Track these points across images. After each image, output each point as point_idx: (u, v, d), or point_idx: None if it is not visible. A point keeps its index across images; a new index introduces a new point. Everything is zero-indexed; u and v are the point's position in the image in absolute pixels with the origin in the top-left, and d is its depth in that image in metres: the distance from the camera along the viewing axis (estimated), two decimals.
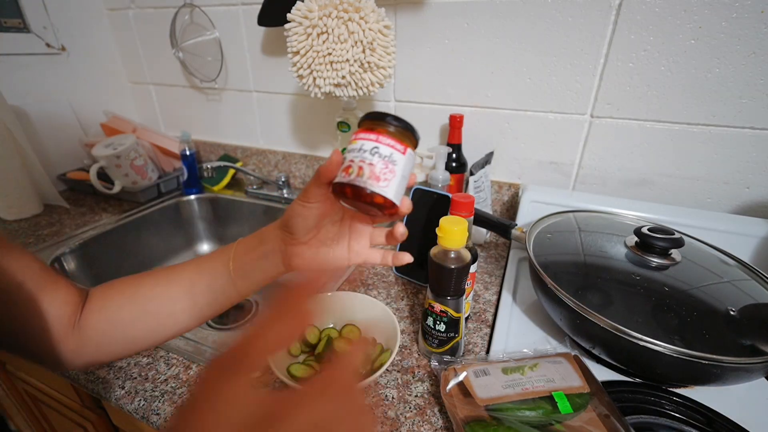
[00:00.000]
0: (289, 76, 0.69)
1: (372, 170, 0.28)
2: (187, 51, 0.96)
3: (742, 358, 0.37)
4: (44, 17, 0.93)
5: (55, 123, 0.98)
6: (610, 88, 0.65)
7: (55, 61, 0.97)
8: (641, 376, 0.46)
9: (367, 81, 0.64)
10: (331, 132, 0.93)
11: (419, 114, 0.82)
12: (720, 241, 0.55)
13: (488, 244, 0.77)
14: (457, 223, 0.43)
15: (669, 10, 0.57)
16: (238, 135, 1.06)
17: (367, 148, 0.28)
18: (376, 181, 0.28)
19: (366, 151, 0.28)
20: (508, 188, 0.79)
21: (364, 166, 0.28)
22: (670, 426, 0.40)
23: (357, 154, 0.29)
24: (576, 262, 0.52)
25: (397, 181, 0.29)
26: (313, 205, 0.33)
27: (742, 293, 0.46)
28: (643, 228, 0.51)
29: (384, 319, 0.50)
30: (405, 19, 0.75)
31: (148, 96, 1.14)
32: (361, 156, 0.28)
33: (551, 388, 0.41)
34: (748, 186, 0.63)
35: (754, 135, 0.60)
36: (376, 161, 0.28)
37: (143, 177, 0.94)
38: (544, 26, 0.65)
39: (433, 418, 0.42)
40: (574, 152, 0.72)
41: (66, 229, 0.82)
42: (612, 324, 0.41)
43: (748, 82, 0.57)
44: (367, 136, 0.29)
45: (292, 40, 0.63)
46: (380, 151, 0.28)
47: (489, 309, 0.59)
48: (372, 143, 0.28)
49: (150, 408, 0.43)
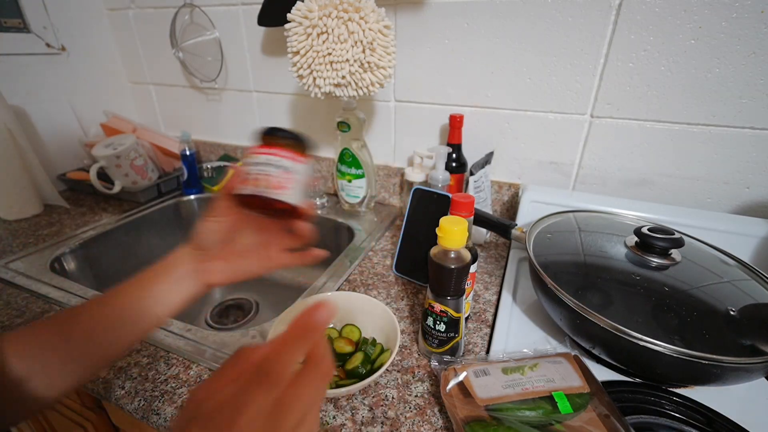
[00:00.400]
0: (289, 76, 0.69)
1: (269, 180, 0.31)
2: (187, 51, 0.96)
3: (742, 358, 0.37)
4: (44, 17, 0.93)
5: (55, 123, 0.98)
6: (610, 88, 0.65)
7: (55, 61, 0.97)
8: (641, 376, 0.46)
9: (367, 81, 0.64)
10: (331, 132, 0.93)
11: (419, 114, 0.82)
12: (720, 241, 0.55)
13: (488, 244, 0.77)
14: (457, 223, 0.43)
15: (669, 10, 0.57)
16: (238, 135, 1.06)
17: (263, 161, 0.32)
18: (275, 189, 0.31)
19: (263, 164, 0.32)
20: (508, 188, 0.79)
21: (261, 177, 0.31)
22: (670, 426, 0.40)
23: (256, 167, 0.32)
24: (576, 262, 0.52)
25: (294, 187, 0.32)
26: (219, 219, 0.35)
27: (742, 293, 0.46)
28: (643, 228, 0.51)
29: (384, 319, 0.50)
30: (405, 19, 0.75)
31: (148, 96, 1.14)
32: (258, 168, 0.32)
33: (551, 388, 0.41)
34: (748, 186, 0.63)
35: (754, 135, 0.60)
36: (273, 172, 0.31)
37: (143, 177, 0.94)
38: (544, 26, 0.65)
39: (433, 418, 0.42)
40: (574, 152, 0.72)
41: (66, 229, 0.82)
42: (612, 324, 0.41)
43: (748, 82, 0.57)
44: (264, 150, 0.32)
45: (292, 40, 0.63)
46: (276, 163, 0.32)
47: (489, 309, 0.59)
48: (267, 156, 0.32)
49: (150, 408, 0.43)
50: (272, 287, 0.93)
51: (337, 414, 0.42)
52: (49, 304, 0.60)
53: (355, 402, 0.44)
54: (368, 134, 0.89)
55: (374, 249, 0.75)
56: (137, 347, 0.51)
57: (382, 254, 0.73)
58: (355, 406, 0.43)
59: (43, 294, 0.61)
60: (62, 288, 0.63)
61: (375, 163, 0.88)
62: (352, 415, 0.42)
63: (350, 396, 0.44)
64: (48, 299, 0.61)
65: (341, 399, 0.44)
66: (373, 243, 0.77)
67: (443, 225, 0.43)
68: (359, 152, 0.81)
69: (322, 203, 0.91)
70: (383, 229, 0.82)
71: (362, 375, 0.45)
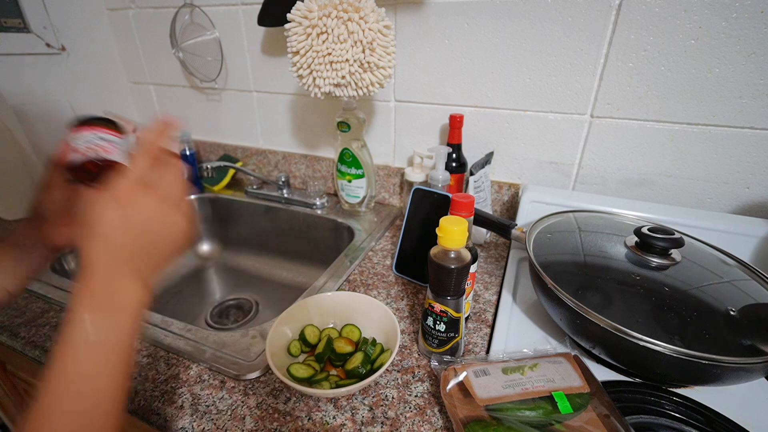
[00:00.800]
0: (289, 76, 0.69)
1: (101, 147, 0.37)
2: (187, 51, 0.96)
3: (742, 358, 0.37)
4: (44, 17, 0.93)
5: (55, 123, 0.98)
6: (610, 88, 0.65)
7: (55, 61, 0.97)
8: (641, 376, 0.46)
9: (367, 81, 0.64)
10: (331, 132, 0.93)
11: (419, 114, 0.82)
12: (720, 241, 0.55)
13: (488, 244, 0.77)
14: (457, 223, 0.43)
15: (669, 10, 0.57)
16: (238, 135, 1.06)
17: (91, 137, 0.37)
18: (106, 153, 0.36)
19: (92, 139, 0.37)
20: (508, 188, 0.79)
21: (94, 147, 0.36)
22: (670, 426, 0.40)
23: (84, 142, 0.36)
24: (576, 262, 0.52)
25: (119, 151, 0.38)
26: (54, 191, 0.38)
27: (742, 293, 0.46)
28: (643, 228, 0.51)
29: (384, 319, 0.50)
30: (405, 19, 0.75)
31: (148, 96, 1.14)
32: (89, 142, 0.36)
33: (551, 388, 0.41)
34: (748, 186, 0.63)
35: (754, 135, 0.60)
36: (104, 144, 0.37)
37: None
38: (544, 26, 0.65)
39: (433, 418, 0.42)
40: (574, 152, 0.72)
41: None
42: (612, 324, 0.41)
43: (748, 82, 0.57)
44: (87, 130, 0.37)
45: (292, 40, 0.63)
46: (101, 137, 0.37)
47: (489, 309, 0.59)
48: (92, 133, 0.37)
49: (150, 408, 0.43)
50: (272, 287, 0.93)
51: (337, 414, 0.42)
52: (49, 304, 0.60)
53: (355, 402, 0.44)
54: (368, 134, 0.89)
55: (374, 249, 0.75)
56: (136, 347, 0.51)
57: (382, 254, 0.73)
58: (355, 406, 0.43)
59: (43, 294, 0.61)
60: (62, 288, 0.63)
61: (375, 163, 0.88)
62: (352, 415, 0.42)
63: (350, 396, 0.44)
64: (48, 299, 0.61)
65: (341, 399, 0.44)
66: (373, 243, 0.77)
67: (443, 225, 0.43)
68: (359, 152, 0.81)
69: (322, 203, 0.91)
70: (383, 229, 0.82)
71: (362, 375, 0.45)
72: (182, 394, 0.45)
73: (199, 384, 0.46)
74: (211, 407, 0.43)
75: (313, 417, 0.42)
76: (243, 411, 0.43)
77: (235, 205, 0.99)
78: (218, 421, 0.41)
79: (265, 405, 0.43)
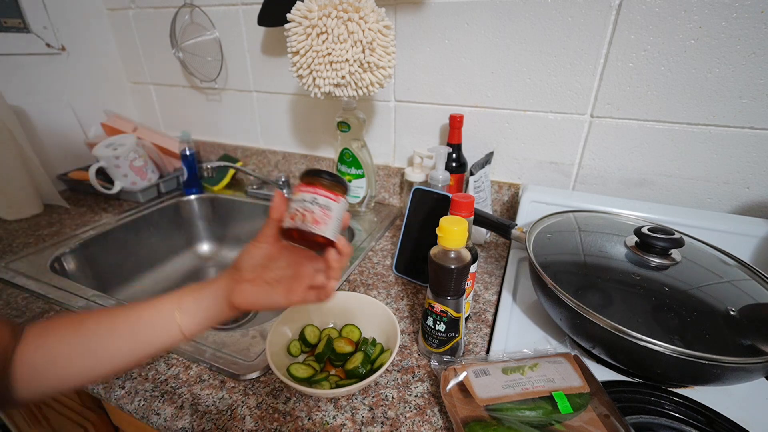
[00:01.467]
0: (289, 76, 0.69)
1: (313, 216, 0.35)
2: (187, 51, 0.96)
3: (742, 358, 0.37)
4: (44, 17, 0.93)
5: (55, 123, 0.98)
6: (610, 88, 0.65)
7: (55, 61, 0.97)
8: (641, 376, 0.46)
9: (367, 81, 0.64)
10: (331, 132, 0.93)
11: (419, 114, 0.82)
12: (720, 241, 0.55)
13: (488, 244, 0.77)
14: (457, 223, 0.43)
15: (669, 10, 0.57)
16: (238, 135, 1.06)
17: (308, 198, 0.36)
18: (316, 225, 0.35)
19: (307, 201, 0.36)
20: (508, 188, 0.79)
21: (306, 214, 0.35)
22: (670, 426, 0.40)
23: (300, 204, 0.36)
24: (576, 262, 0.52)
25: (332, 223, 0.37)
26: (262, 245, 0.37)
27: (742, 293, 0.46)
28: (643, 228, 0.51)
29: (384, 319, 0.50)
30: (405, 19, 0.75)
31: (148, 96, 1.14)
32: (303, 205, 0.36)
33: (551, 388, 0.41)
34: (748, 186, 0.63)
35: (754, 135, 0.60)
36: (315, 209, 0.36)
37: (143, 178, 0.94)
38: (544, 26, 0.65)
39: (433, 418, 0.42)
40: (574, 152, 0.72)
41: (66, 229, 0.82)
42: (612, 324, 0.41)
43: (748, 82, 0.57)
44: (307, 189, 0.36)
45: (291, 40, 0.63)
46: (318, 201, 0.36)
47: (489, 309, 0.59)
48: (311, 195, 0.36)
49: (150, 408, 0.43)
50: None
51: (337, 414, 0.42)
52: (49, 304, 0.60)
53: (355, 402, 0.44)
54: (368, 134, 0.89)
55: (374, 249, 0.75)
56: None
57: (382, 254, 0.73)
58: (355, 406, 0.43)
59: (43, 294, 0.61)
60: (62, 288, 0.63)
61: (375, 163, 0.88)
62: (352, 415, 0.42)
63: (350, 396, 0.44)
64: (48, 299, 0.61)
65: (341, 399, 0.44)
66: (373, 243, 0.77)
67: (443, 225, 0.43)
68: (359, 152, 0.81)
69: None
70: (383, 229, 0.82)
71: (362, 375, 0.45)
72: (182, 394, 0.45)
73: (199, 384, 0.46)
74: (211, 407, 0.43)
75: (313, 417, 0.42)
76: (243, 411, 0.43)
77: (235, 205, 0.99)
78: (218, 421, 0.41)
79: (265, 405, 0.43)
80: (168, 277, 0.92)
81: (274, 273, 0.38)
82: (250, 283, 0.37)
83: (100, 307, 0.59)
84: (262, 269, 0.37)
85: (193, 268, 0.97)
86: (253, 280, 0.37)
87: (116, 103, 1.12)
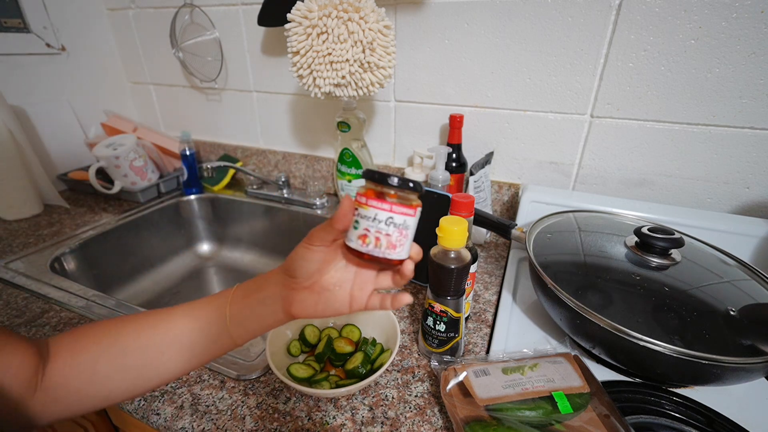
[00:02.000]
0: (289, 76, 0.69)
1: (389, 240, 0.30)
2: (187, 51, 0.96)
3: (742, 358, 0.37)
4: (44, 17, 0.93)
5: (55, 123, 0.98)
6: (610, 88, 0.65)
7: (55, 61, 0.97)
8: (641, 376, 0.46)
9: (367, 81, 0.64)
10: (331, 132, 0.93)
11: (419, 114, 0.82)
12: (720, 241, 0.55)
13: (488, 244, 0.77)
14: (457, 223, 0.43)
15: (669, 10, 0.57)
16: (238, 135, 1.06)
17: (382, 218, 0.30)
18: (392, 249, 0.30)
19: (381, 221, 0.30)
20: (508, 188, 0.79)
21: (381, 237, 0.30)
22: (670, 426, 0.40)
23: (372, 223, 0.30)
24: (576, 262, 0.52)
25: (409, 242, 0.32)
26: (317, 248, 0.32)
27: (742, 293, 0.46)
28: (643, 228, 0.51)
29: (384, 319, 0.50)
30: (405, 19, 0.75)
31: (148, 96, 1.14)
32: (377, 227, 0.30)
33: (551, 388, 0.41)
34: (748, 186, 0.63)
35: (754, 135, 0.60)
36: (392, 231, 0.30)
37: (143, 178, 0.94)
38: (544, 26, 0.65)
39: (433, 418, 0.42)
40: (574, 152, 0.72)
41: (66, 229, 0.82)
42: (612, 324, 0.41)
43: (748, 82, 0.57)
44: (381, 205, 0.30)
45: (292, 40, 0.63)
46: (395, 221, 0.30)
47: (489, 309, 0.59)
48: (386, 213, 0.30)
49: (150, 408, 0.43)
50: None
51: (337, 414, 0.42)
52: (49, 304, 0.60)
53: (355, 402, 0.44)
54: (368, 134, 0.89)
55: None
56: None
57: None
58: (355, 406, 0.43)
59: (43, 294, 0.61)
60: (62, 288, 0.63)
61: (375, 163, 0.88)
62: (352, 415, 0.42)
63: (350, 396, 0.44)
64: (48, 299, 0.61)
65: (341, 399, 0.44)
66: None
67: (443, 225, 0.43)
68: (359, 152, 0.81)
69: (322, 203, 0.91)
70: None
71: (362, 375, 0.45)
72: (182, 394, 0.45)
73: (199, 384, 0.46)
74: (211, 407, 0.43)
75: (313, 417, 0.42)
76: (243, 411, 0.43)
77: (235, 205, 0.99)
78: (218, 421, 0.41)
79: (265, 405, 0.43)
80: (168, 277, 0.92)
81: (332, 276, 0.34)
82: (308, 291, 0.33)
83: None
84: (319, 274, 0.33)
85: (193, 268, 0.97)
86: (311, 287, 0.33)
87: (116, 103, 1.12)
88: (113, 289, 0.82)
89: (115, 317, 0.35)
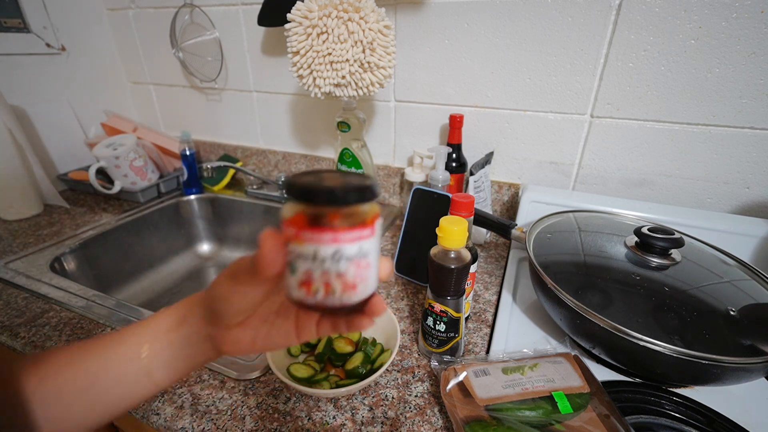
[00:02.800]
0: (289, 76, 0.69)
1: (344, 281, 0.21)
2: (187, 51, 0.96)
3: (742, 358, 0.37)
4: (44, 17, 0.93)
5: (55, 123, 0.98)
6: (610, 88, 0.65)
7: (55, 61, 0.97)
8: (641, 376, 0.46)
9: (367, 81, 0.64)
10: (331, 132, 0.93)
11: (419, 114, 0.82)
12: (720, 241, 0.55)
13: (488, 244, 0.77)
14: (457, 223, 0.43)
15: (669, 10, 0.57)
16: (238, 135, 1.06)
17: (326, 254, 0.20)
18: (352, 291, 0.22)
19: (326, 259, 0.21)
20: (508, 188, 0.79)
21: (331, 281, 0.21)
22: (670, 426, 0.40)
23: (315, 264, 0.21)
24: (576, 262, 0.52)
25: (374, 270, 0.23)
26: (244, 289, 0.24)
27: (742, 293, 0.46)
28: (643, 228, 0.51)
29: (384, 319, 0.50)
30: (405, 19, 0.75)
31: (148, 96, 1.14)
32: (322, 268, 0.21)
33: (551, 388, 0.41)
34: (748, 186, 0.63)
35: (754, 135, 0.60)
36: (345, 268, 0.21)
37: (143, 178, 0.94)
38: (544, 26, 0.65)
39: (433, 418, 0.42)
40: (574, 152, 0.72)
41: (66, 229, 0.82)
42: (612, 324, 0.41)
43: (748, 82, 0.57)
44: (320, 236, 0.20)
45: (292, 40, 0.63)
46: (345, 253, 0.21)
47: (489, 309, 0.59)
48: (330, 247, 0.20)
49: (150, 408, 0.43)
50: None
51: (337, 414, 0.42)
52: (49, 304, 0.60)
53: (355, 402, 0.44)
54: (368, 134, 0.89)
55: None
56: None
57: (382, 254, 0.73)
58: (355, 406, 0.43)
59: (43, 294, 0.61)
60: (62, 288, 0.63)
61: (375, 163, 0.88)
62: (352, 415, 0.42)
63: (350, 396, 0.44)
64: (48, 299, 0.61)
65: (341, 399, 0.44)
66: None
67: (443, 225, 0.43)
68: (359, 152, 0.81)
69: None
70: (383, 229, 0.82)
71: (362, 375, 0.45)
72: (182, 394, 0.45)
73: (199, 384, 0.46)
74: (211, 407, 0.43)
75: (313, 417, 0.42)
76: (243, 411, 0.43)
77: (235, 205, 0.99)
78: (218, 421, 0.41)
79: (265, 405, 0.43)
80: (168, 277, 0.92)
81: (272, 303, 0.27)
82: (241, 328, 0.27)
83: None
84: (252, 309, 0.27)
85: (193, 268, 0.97)
86: (244, 323, 0.27)
87: (116, 103, 1.12)
88: (113, 289, 0.82)
89: None
